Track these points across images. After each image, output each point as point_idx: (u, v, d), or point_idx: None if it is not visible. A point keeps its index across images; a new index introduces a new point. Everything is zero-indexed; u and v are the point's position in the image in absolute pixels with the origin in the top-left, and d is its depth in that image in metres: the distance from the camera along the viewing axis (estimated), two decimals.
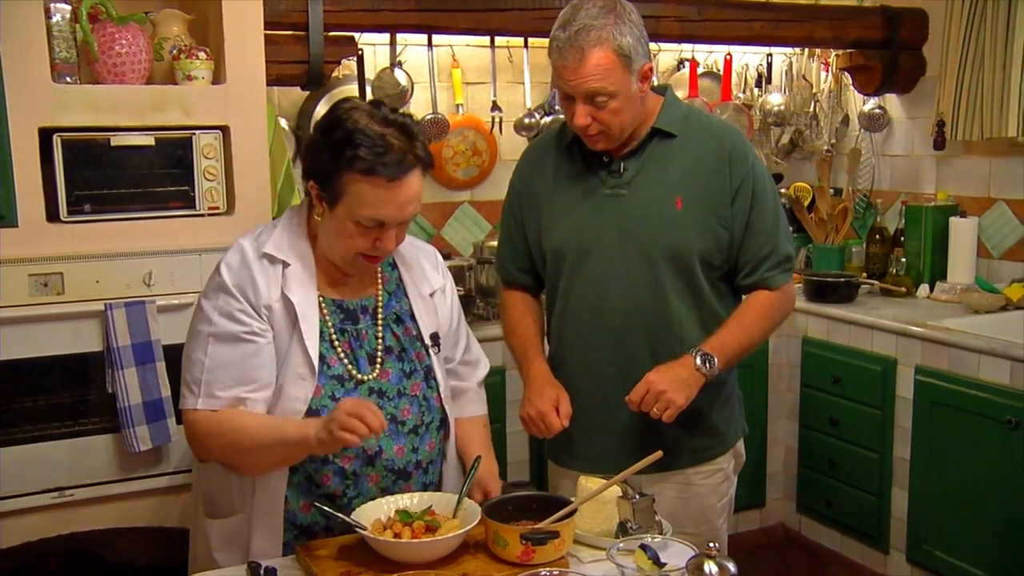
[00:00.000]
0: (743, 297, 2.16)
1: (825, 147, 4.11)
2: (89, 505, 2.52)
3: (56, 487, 2.47)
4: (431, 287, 2.00)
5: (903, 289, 3.70)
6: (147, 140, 2.52)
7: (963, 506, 3.07)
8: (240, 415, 1.79)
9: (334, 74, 3.32)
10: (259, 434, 1.77)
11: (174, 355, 2.46)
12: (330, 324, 1.86)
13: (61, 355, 2.44)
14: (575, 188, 2.14)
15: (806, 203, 4.11)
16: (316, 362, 1.81)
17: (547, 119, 3.64)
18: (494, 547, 1.72)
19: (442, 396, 1.96)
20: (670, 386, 1.95)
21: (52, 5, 2.45)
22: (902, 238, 3.84)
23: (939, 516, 3.17)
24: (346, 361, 1.86)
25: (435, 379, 1.95)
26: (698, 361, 2.00)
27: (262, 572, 1.67)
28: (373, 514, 1.77)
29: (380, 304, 1.93)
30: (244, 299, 1.80)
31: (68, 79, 2.48)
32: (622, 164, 2.10)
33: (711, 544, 1.38)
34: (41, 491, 2.46)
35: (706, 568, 1.35)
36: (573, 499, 1.81)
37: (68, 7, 2.47)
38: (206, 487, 1.95)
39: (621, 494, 1.80)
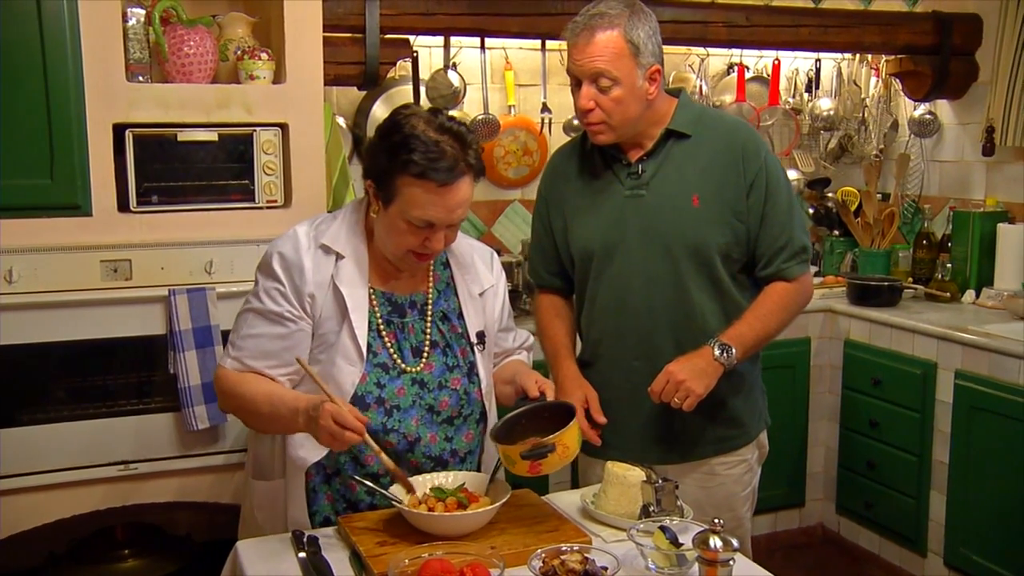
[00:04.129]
0: (763, 289, 2.21)
1: (874, 152, 4.13)
2: (151, 479, 2.67)
3: (122, 460, 2.62)
4: (482, 286, 2.08)
5: (948, 294, 3.71)
6: (211, 136, 2.65)
7: (1001, 511, 3.08)
8: (253, 381, 1.91)
9: (389, 75, 3.43)
10: (261, 405, 1.89)
11: None
12: (378, 315, 1.96)
13: (128, 337, 2.58)
14: (597, 191, 2.22)
15: (853, 207, 4.13)
16: (364, 350, 1.92)
17: None
18: (507, 466, 1.84)
19: (483, 391, 2.05)
20: (689, 376, 2.03)
21: (128, 9, 2.60)
22: (949, 244, 3.85)
23: (977, 520, 3.18)
24: (391, 351, 1.95)
25: (478, 375, 2.03)
26: (716, 351, 2.07)
27: (305, 541, 1.79)
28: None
29: (430, 301, 2.02)
30: (288, 284, 1.91)
31: (140, 78, 2.63)
32: (640, 166, 2.18)
33: (715, 520, 1.46)
34: (108, 463, 2.61)
35: (711, 542, 1.44)
36: (574, 405, 1.92)
37: (142, 11, 2.62)
38: (255, 450, 2.08)
39: (646, 479, 1.89)
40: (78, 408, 2.59)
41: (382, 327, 1.96)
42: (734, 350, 2.08)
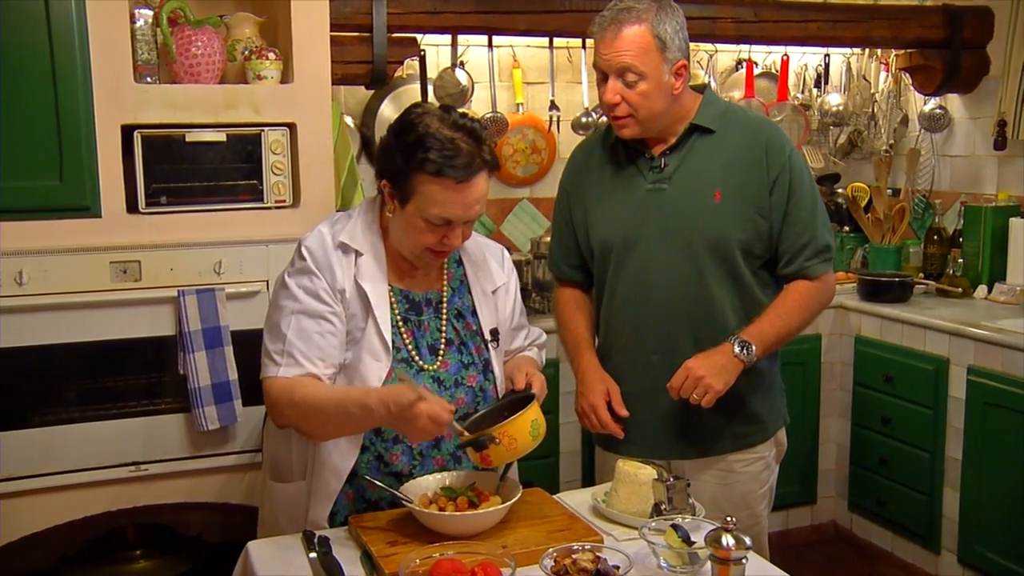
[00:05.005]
0: (784, 287, 2.21)
1: (884, 147, 4.10)
2: (162, 479, 2.67)
3: (133, 461, 2.62)
4: (494, 284, 2.09)
5: (959, 290, 3.69)
6: (219, 136, 2.65)
7: (1015, 507, 3.05)
8: (311, 385, 1.87)
9: (397, 74, 3.43)
10: (326, 406, 1.85)
11: (241, 340, 2.61)
12: (397, 312, 1.96)
13: (138, 338, 2.58)
14: (619, 184, 2.22)
15: (863, 203, 4.11)
16: (390, 345, 1.92)
17: (603, 119, 3.70)
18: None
19: (498, 388, 2.05)
20: (708, 372, 2.03)
21: (136, 11, 2.60)
22: (960, 239, 3.82)
23: (991, 517, 3.16)
24: (410, 348, 1.96)
25: (493, 372, 2.04)
26: (736, 348, 2.06)
27: (316, 541, 1.78)
28: (421, 489, 1.87)
29: (444, 299, 2.02)
30: (325, 280, 1.90)
31: (149, 79, 2.63)
32: (663, 160, 2.17)
33: (728, 518, 1.45)
34: (119, 464, 2.61)
35: (723, 540, 1.43)
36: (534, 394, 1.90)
37: (150, 12, 2.62)
38: (272, 452, 2.07)
39: (657, 477, 1.88)
40: (88, 409, 2.58)
41: (401, 324, 1.96)
42: (754, 347, 2.07)
